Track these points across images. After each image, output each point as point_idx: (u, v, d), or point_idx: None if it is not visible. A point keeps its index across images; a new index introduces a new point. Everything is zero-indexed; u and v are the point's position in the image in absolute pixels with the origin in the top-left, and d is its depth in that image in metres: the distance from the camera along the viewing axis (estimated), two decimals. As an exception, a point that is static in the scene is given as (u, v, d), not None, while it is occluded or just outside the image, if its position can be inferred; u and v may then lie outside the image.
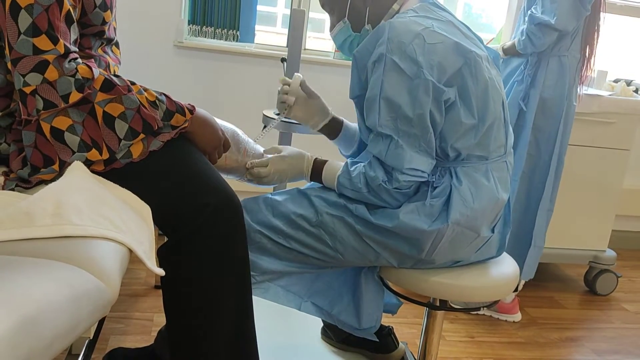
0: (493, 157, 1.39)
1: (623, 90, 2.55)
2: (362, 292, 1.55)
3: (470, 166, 1.37)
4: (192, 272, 1.17)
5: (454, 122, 1.32)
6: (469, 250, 1.41)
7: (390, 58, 1.28)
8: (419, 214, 1.34)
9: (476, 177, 1.36)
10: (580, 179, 2.50)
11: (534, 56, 2.16)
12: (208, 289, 1.17)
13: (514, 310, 2.29)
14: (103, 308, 0.85)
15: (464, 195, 1.34)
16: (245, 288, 1.23)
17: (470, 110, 1.33)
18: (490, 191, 1.37)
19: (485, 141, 1.36)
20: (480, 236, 1.39)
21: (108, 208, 1.00)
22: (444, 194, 1.35)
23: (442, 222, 1.33)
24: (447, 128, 1.33)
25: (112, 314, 1.95)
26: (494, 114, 1.36)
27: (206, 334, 1.19)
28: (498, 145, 1.40)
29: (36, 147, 1.06)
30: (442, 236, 1.34)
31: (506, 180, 1.43)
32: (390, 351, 1.77)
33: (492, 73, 1.38)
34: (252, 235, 1.43)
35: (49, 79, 1.04)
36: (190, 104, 1.22)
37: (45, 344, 0.69)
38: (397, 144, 1.30)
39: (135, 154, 1.13)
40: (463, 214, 1.33)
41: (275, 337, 1.84)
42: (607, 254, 2.61)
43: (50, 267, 0.81)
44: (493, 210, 1.39)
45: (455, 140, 1.34)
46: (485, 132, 1.35)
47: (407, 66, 1.28)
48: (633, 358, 2.11)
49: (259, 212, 1.46)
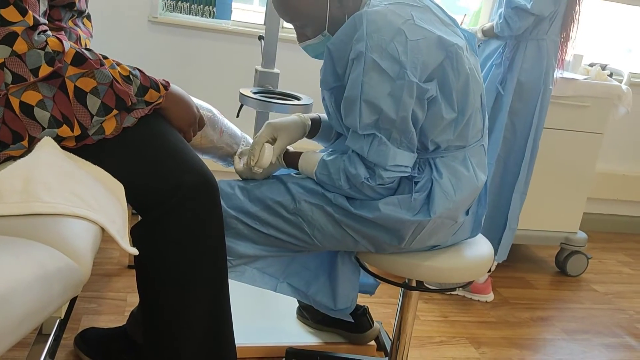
0: (470, 143, 1.38)
1: (598, 75, 2.58)
2: (338, 273, 1.55)
3: (449, 155, 1.35)
4: (166, 252, 1.15)
5: (435, 117, 1.30)
6: (446, 234, 1.42)
7: (370, 57, 1.21)
8: (401, 207, 1.32)
9: (455, 167, 1.35)
10: (553, 162, 2.53)
11: (512, 39, 2.17)
12: (182, 269, 1.16)
13: (487, 290, 2.32)
14: (74, 287, 0.83)
15: (446, 189, 1.32)
16: (221, 268, 1.22)
17: (450, 105, 1.30)
18: (470, 180, 1.37)
19: (464, 132, 1.35)
20: (458, 222, 1.39)
21: (79, 185, 0.97)
22: (426, 188, 1.33)
23: (425, 215, 1.32)
24: (427, 124, 1.31)
25: (84, 294, 1.92)
26: (473, 105, 1.34)
27: (180, 315, 1.18)
28: (476, 131, 1.39)
29: (4, 122, 1.03)
30: (423, 228, 1.34)
31: (484, 163, 1.43)
32: (365, 330, 1.78)
33: (472, 62, 1.35)
34: (228, 221, 1.41)
35: (18, 52, 1.00)
36: (164, 80, 1.19)
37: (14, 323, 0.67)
38: (380, 141, 1.26)
39: (108, 130, 1.10)
40: (446, 207, 1.32)
41: (250, 318, 1.84)
42: (578, 235, 2.66)
43: (20, 245, 0.79)
44: (472, 197, 1.39)
45: (436, 135, 1.32)
46: (464, 124, 1.33)
47: (388, 65, 1.21)
48: (602, 337, 2.16)
49: (235, 197, 1.43)
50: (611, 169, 3.22)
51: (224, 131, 1.51)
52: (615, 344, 2.13)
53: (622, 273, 2.82)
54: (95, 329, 1.64)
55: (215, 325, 1.22)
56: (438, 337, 2.01)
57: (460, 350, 1.94)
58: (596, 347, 2.09)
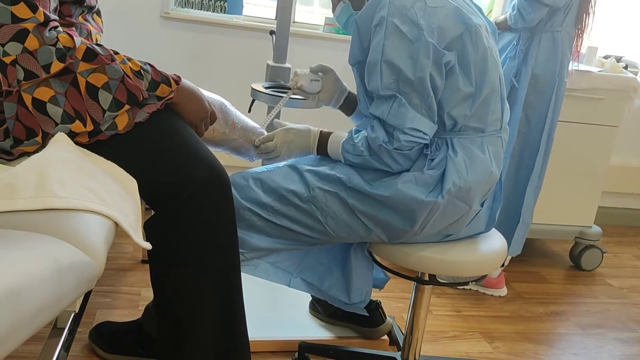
0: (489, 130, 1.39)
1: (613, 67, 2.54)
2: (352, 267, 1.56)
3: (466, 137, 1.37)
4: (179, 246, 1.16)
5: (451, 89, 1.33)
6: (460, 223, 1.41)
7: (391, 21, 1.29)
8: (417, 184, 1.34)
9: (472, 149, 1.37)
10: (568, 155, 2.50)
11: (526, 31, 2.15)
12: (195, 263, 1.17)
13: (500, 285, 2.31)
14: (88, 282, 0.83)
15: (458, 167, 1.34)
16: (234, 261, 1.22)
17: (468, 78, 1.33)
18: (485, 164, 1.37)
19: (481, 112, 1.36)
20: (472, 209, 1.39)
21: (93, 180, 0.98)
22: (441, 166, 1.35)
23: (437, 194, 1.33)
24: (444, 95, 1.33)
25: (98, 288, 1.94)
26: (492, 84, 1.36)
27: (193, 308, 1.19)
28: (494, 118, 1.40)
29: (17, 119, 1.03)
30: (437, 210, 1.34)
31: (500, 155, 1.43)
32: (377, 325, 1.78)
33: (491, 43, 1.39)
34: (241, 213, 1.42)
35: (29, 49, 1.01)
36: (175, 75, 1.19)
37: (28, 317, 0.68)
38: (400, 102, 1.31)
39: (120, 125, 1.11)
40: (456, 184, 1.33)
41: (263, 311, 1.84)
42: (593, 229, 2.63)
43: (34, 239, 0.80)
44: (486, 183, 1.39)
45: (452, 107, 1.34)
46: (482, 102, 1.35)
47: (408, 29, 1.28)
48: (616, 332, 2.14)
49: (248, 188, 1.44)
50: (626, 162, 3.18)
51: (236, 123, 1.51)
52: (630, 339, 2.11)
53: (637, 267, 2.79)
54: (109, 322, 1.65)
55: (228, 319, 1.23)
56: (451, 332, 2.00)
57: (474, 345, 1.94)
58: (610, 341, 2.07)
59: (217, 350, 1.22)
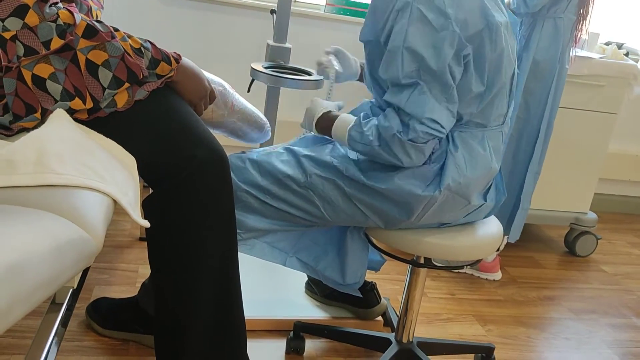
0: (492, 125, 1.38)
1: (614, 53, 2.54)
2: (348, 248, 1.57)
3: (467, 132, 1.35)
4: (177, 224, 1.16)
5: (463, 87, 1.29)
6: (458, 214, 1.42)
7: (416, 7, 1.23)
8: (414, 177, 1.32)
9: (472, 144, 1.35)
10: (566, 142, 2.51)
11: (528, 17, 2.13)
12: (193, 241, 1.17)
13: (495, 269, 2.33)
14: (87, 258, 0.84)
15: (458, 162, 1.33)
16: (231, 240, 1.23)
17: (481, 77, 1.30)
18: (485, 160, 1.37)
19: (487, 110, 1.34)
20: (471, 204, 1.39)
21: (92, 158, 0.98)
22: (440, 160, 1.34)
23: (435, 188, 1.32)
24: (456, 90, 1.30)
25: (96, 265, 1.95)
26: (503, 84, 1.34)
27: (190, 286, 1.20)
28: (499, 114, 1.38)
29: (17, 94, 1.03)
30: (434, 203, 1.34)
31: (500, 149, 1.42)
32: (372, 306, 1.79)
33: (510, 43, 1.35)
34: (239, 194, 1.42)
35: (29, 24, 1.00)
36: (175, 52, 1.19)
37: (27, 292, 0.69)
38: (421, 90, 1.25)
39: (120, 103, 1.11)
40: (455, 180, 1.32)
41: (259, 292, 1.86)
42: (589, 216, 2.65)
43: (33, 216, 0.80)
44: (485, 178, 1.39)
45: (461, 106, 1.31)
46: (488, 101, 1.33)
47: (434, 17, 1.23)
48: (609, 317, 2.17)
49: (245, 170, 1.44)
50: (624, 150, 3.19)
51: (234, 105, 1.51)
52: (622, 325, 2.13)
53: (631, 254, 2.81)
54: (106, 298, 1.66)
55: (224, 297, 1.24)
56: (445, 314, 2.02)
57: (467, 328, 1.96)
58: (603, 327, 2.10)
59: (213, 328, 1.23)
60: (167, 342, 1.25)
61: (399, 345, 1.58)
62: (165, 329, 1.25)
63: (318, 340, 1.74)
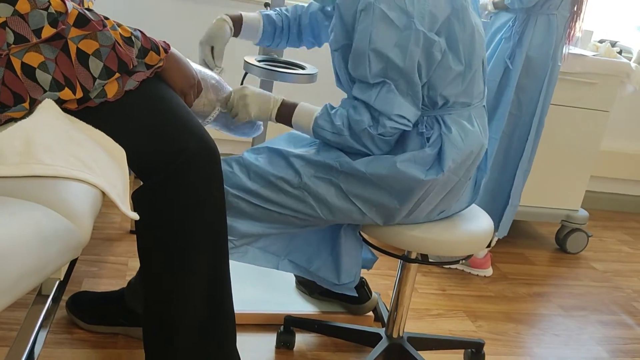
0: (475, 103, 1.40)
1: (607, 51, 2.54)
2: (342, 247, 1.55)
3: (455, 113, 1.37)
4: (167, 217, 1.15)
5: (443, 68, 1.31)
6: (451, 197, 1.42)
7: (378, 7, 1.24)
8: (415, 162, 1.34)
9: (462, 123, 1.37)
10: (558, 139, 2.51)
11: (522, 13, 2.13)
12: (183, 234, 1.16)
13: (486, 265, 2.33)
14: (73, 250, 0.83)
15: (455, 142, 1.34)
16: (221, 234, 1.22)
17: (458, 57, 1.32)
18: (476, 135, 1.38)
19: (469, 88, 1.36)
20: (460, 180, 1.40)
21: (80, 149, 0.97)
22: (437, 144, 1.35)
23: (437, 171, 1.33)
24: (436, 76, 1.32)
25: (85, 257, 1.93)
26: (480, 59, 1.36)
27: (179, 280, 1.19)
28: (479, 91, 1.40)
29: (4, 84, 1.02)
30: (435, 186, 1.35)
31: (486, 125, 1.45)
32: (363, 301, 1.79)
33: (476, 19, 1.37)
34: (229, 200, 1.39)
35: (20, 11, 0.99)
36: (164, 42, 1.18)
37: (10, 282, 0.68)
38: (389, 88, 1.29)
39: (110, 93, 1.10)
40: (455, 160, 1.34)
41: (250, 286, 1.85)
42: (580, 213, 2.66)
43: (18, 205, 0.79)
44: (478, 155, 1.40)
45: (444, 87, 1.33)
46: (470, 78, 1.35)
47: (396, 16, 1.24)
48: (598, 314, 2.18)
49: (233, 175, 1.42)
50: (615, 148, 3.20)
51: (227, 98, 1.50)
52: (612, 321, 2.14)
53: (621, 252, 2.83)
54: (87, 293, 1.64)
55: (214, 291, 1.23)
56: (435, 310, 2.02)
57: (457, 323, 1.96)
58: (592, 323, 2.11)
59: (203, 323, 1.22)
60: (156, 336, 1.24)
61: (389, 340, 1.58)
62: (154, 323, 1.24)
63: (308, 334, 1.74)
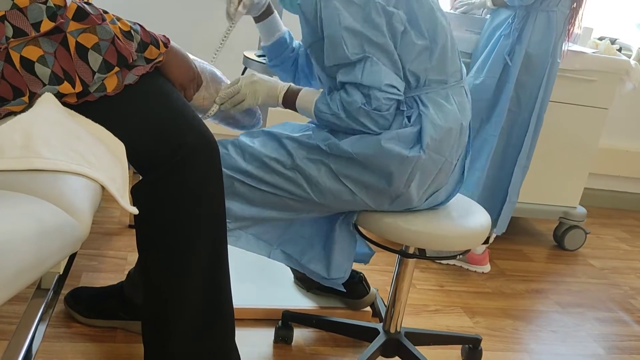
0: (451, 82, 1.42)
1: (607, 49, 2.54)
2: (335, 242, 1.56)
3: (432, 91, 1.40)
4: (166, 211, 1.15)
5: (406, 44, 1.35)
6: (441, 177, 1.43)
7: None
8: (399, 140, 1.36)
9: (440, 101, 1.40)
10: (557, 136, 2.51)
11: (522, 9, 2.13)
12: (182, 229, 1.17)
13: (484, 261, 2.34)
14: (73, 244, 0.83)
15: (433, 120, 1.37)
16: (220, 228, 1.23)
17: (420, 32, 1.37)
18: (454, 114, 1.41)
19: (441, 64, 1.39)
20: (447, 160, 1.41)
21: (80, 143, 0.97)
22: (417, 123, 1.38)
23: (418, 149, 1.36)
24: (401, 52, 1.36)
25: (85, 251, 1.94)
26: (445, 35, 1.40)
27: (178, 274, 1.19)
28: (454, 69, 1.43)
29: (3, 77, 1.02)
30: (420, 165, 1.37)
31: (465, 106, 1.46)
32: (361, 296, 1.80)
33: (435, 2, 1.42)
34: (224, 181, 1.41)
35: (19, 5, 0.99)
36: (164, 36, 1.18)
37: (10, 276, 0.68)
38: (372, 61, 1.33)
39: (109, 87, 1.10)
40: (433, 138, 1.36)
41: (249, 281, 1.86)
42: (578, 210, 2.66)
43: (18, 199, 0.79)
44: (458, 134, 1.41)
45: (411, 62, 1.37)
46: (439, 53, 1.38)
47: None
48: (595, 311, 2.19)
49: (228, 156, 1.44)
50: (614, 145, 3.20)
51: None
52: (609, 318, 2.15)
53: (619, 249, 2.84)
54: (85, 288, 1.65)
55: (213, 286, 1.23)
56: (433, 306, 2.03)
57: (455, 319, 1.97)
58: (589, 320, 2.11)
59: (202, 317, 1.23)
60: (155, 330, 1.25)
61: (387, 336, 1.58)
62: (153, 317, 1.24)
63: (306, 329, 1.74)
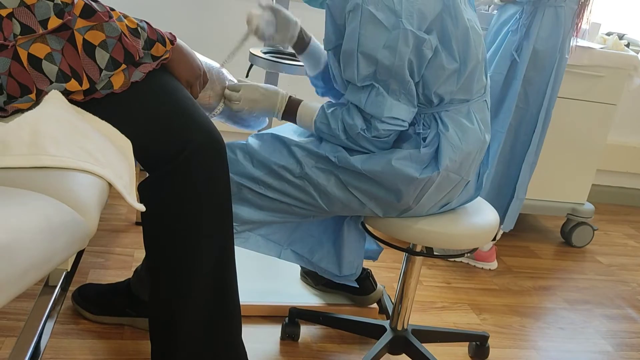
0: (475, 97, 1.38)
1: (615, 44, 2.52)
2: (344, 239, 1.56)
3: (453, 109, 1.35)
4: (173, 209, 1.16)
5: (436, 68, 1.29)
6: (453, 193, 1.41)
7: (366, 8, 1.23)
8: (411, 161, 1.33)
9: (460, 120, 1.36)
10: (564, 132, 2.50)
11: (529, 5, 2.12)
12: (189, 226, 1.17)
13: (491, 258, 2.33)
14: (80, 241, 0.83)
15: (452, 141, 1.33)
16: (227, 226, 1.23)
17: (452, 55, 1.30)
18: (476, 133, 1.37)
19: (468, 85, 1.34)
20: (464, 179, 1.39)
21: (87, 140, 0.97)
22: (434, 143, 1.34)
23: (433, 169, 1.33)
24: (429, 74, 1.30)
25: (92, 248, 1.94)
26: (476, 57, 1.33)
27: (185, 271, 1.19)
28: (480, 87, 1.39)
29: (10, 75, 1.02)
30: (431, 184, 1.34)
31: (487, 120, 1.43)
32: (368, 293, 1.80)
33: (470, 14, 1.35)
34: (233, 187, 1.40)
35: (27, 2, 0.99)
36: (170, 33, 1.18)
37: (18, 273, 0.68)
38: (377, 91, 1.28)
39: (116, 85, 1.10)
40: (452, 159, 1.33)
41: (255, 278, 1.86)
42: (586, 207, 2.65)
43: (26, 196, 0.80)
44: (479, 152, 1.39)
45: (439, 86, 1.32)
46: (467, 76, 1.33)
47: (384, 17, 1.23)
48: (603, 308, 2.18)
49: (237, 162, 1.42)
50: (622, 141, 3.18)
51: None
52: (617, 315, 2.14)
53: (627, 246, 2.82)
54: (93, 285, 1.65)
55: (220, 283, 1.23)
56: (440, 303, 2.02)
57: (462, 316, 1.96)
58: (597, 317, 2.10)
59: (209, 314, 1.23)
60: (161, 327, 1.25)
61: (394, 333, 1.58)
62: (160, 314, 1.25)
63: (313, 326, 1.74)
